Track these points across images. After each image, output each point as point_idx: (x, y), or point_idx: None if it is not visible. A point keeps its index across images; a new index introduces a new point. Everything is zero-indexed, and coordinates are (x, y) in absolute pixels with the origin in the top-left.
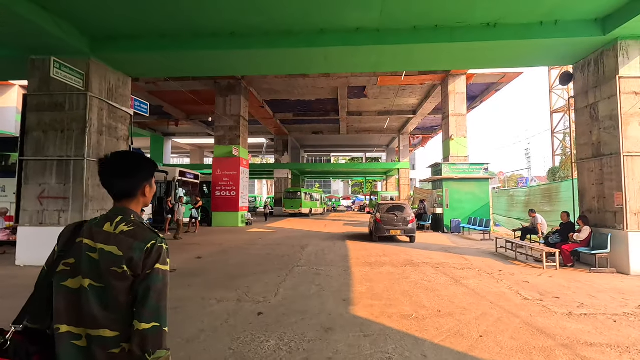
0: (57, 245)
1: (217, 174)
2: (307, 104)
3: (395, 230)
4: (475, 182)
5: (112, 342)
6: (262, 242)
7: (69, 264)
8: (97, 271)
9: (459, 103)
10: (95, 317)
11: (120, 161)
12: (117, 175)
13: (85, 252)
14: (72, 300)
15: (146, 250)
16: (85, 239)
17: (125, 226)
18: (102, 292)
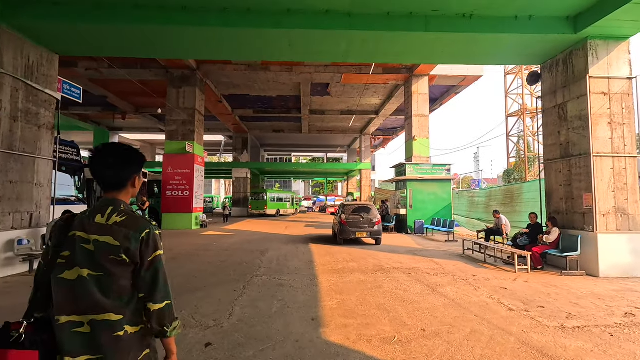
0: (50, 240)
1: (168, 172)
2: (268, 100)
3: (361, 232)
4: (438, 182)
5: (118, 325)
6: (217, 246)
7: (65, 256)
8: (93, 261)
9: (421, 104)
10: (99, 303)
11: (111, 152)
12: (108, 167)
13: (79, 244)
14: (70, 291)
15: (142, 239)
16: (78, 232)
17: (117, 217)
18: (102, 280)
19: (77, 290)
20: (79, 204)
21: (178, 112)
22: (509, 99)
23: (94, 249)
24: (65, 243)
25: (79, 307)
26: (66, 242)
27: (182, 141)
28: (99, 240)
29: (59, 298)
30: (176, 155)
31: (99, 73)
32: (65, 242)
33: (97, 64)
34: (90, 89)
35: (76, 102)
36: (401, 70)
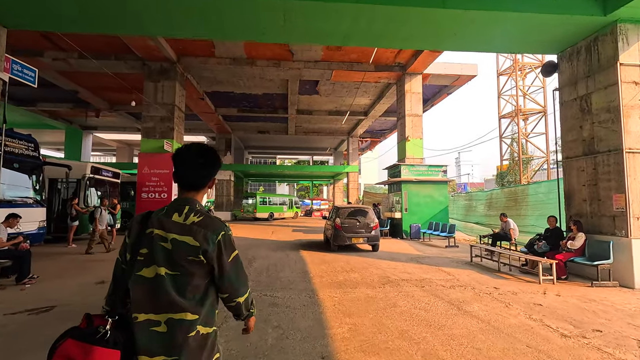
0: (127, 237)
1: (144, 172)
2: (253, 98)
3: (358, 237)
4: (434, 185)
5: (192, 325)
6: None
7: (143, 254)
8: (171, 259)
9: (415, 103)
10: (175, 301)
11: (199, 153)
12: (194, 167)
13: (157, 242)
14: (149, 289)
15: (218, 241)
16: (155, 230)
17: (195, 217)
18: (178, 279)
19: (154, 289)
20: (35, 207)
21: (156, 108)
22: (502, 100)
23: (171, 248)
24: (143, 240)
25: (156, 306)
26: (144, 240)
27: (159, 139)
28: (177, 240)
29: (137, 295)
30: (153, 154)
31: (67, 64)
32: (143, 240)
33: (66, 54)
34: (60, 83)
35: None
36: (394, 68)
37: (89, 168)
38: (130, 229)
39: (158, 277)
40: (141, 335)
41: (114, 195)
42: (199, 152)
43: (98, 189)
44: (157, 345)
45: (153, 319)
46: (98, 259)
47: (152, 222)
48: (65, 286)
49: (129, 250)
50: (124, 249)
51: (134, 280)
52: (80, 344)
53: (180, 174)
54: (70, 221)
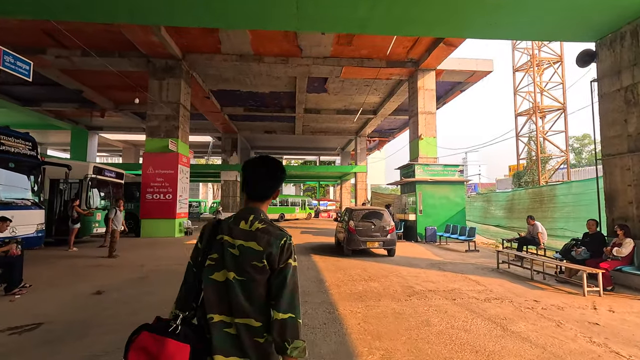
0: (199, 242)
1: (149, 172)
2: (260, 97)
3: (373, 242)
4: (450, 185)
5: (258, 331)
6: None
7: (213, 258)
8: (238, 265)
9: (428, 100)
10: (242, 307)
11: (269, 165)
12: (263, 179)
13: (226, 248)
14: (220, 292)
15: (281, 246)
16: (225, 236)
17: (259, 224)
18: (245, 285)
19: (225, 292)
20: (34, 209)
21: (160, 106)
22: (518, 97)
23: (238, 254)
24: (214, 246)
25: (227, 308)
26: (214, 245)
27: (164, 138)
28: (243, 245)
29: (210, 297)
30: (158, 154)
31: (71, 62)
32: (213, 245)
33: (69, 51)
34: (64, 82)
35: (39, 91)
36: (406, 64)
37: (91, 168)
38: (201, 235)
39: (228, 282)
40: (216, 335)
41: (118, 196)
42: (267, 164)
43: (101, 190)
44: (230, 345)
45: (225, 321)
46: (97, 264)
47: (222, 229)
48: (57, 297)
49: (201, 255)
50: (196, 253)
51: (207, 282)
52: (154, 336)
53: (250, 184)
54: (72, 223)
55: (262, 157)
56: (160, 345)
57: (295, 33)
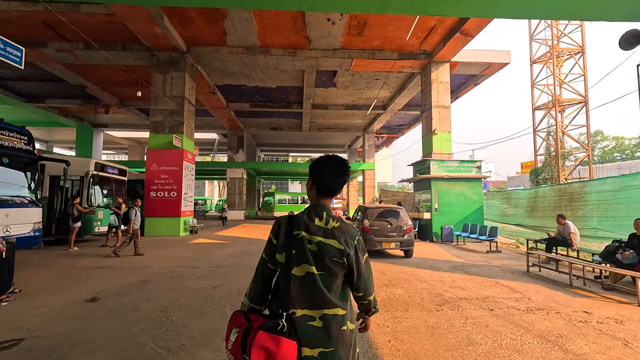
0: (274, 238)
1: (153, 169)
2: (266, 92)
3: (389, 242)
4: (466, 182)
5: (343, 320)
6: (206, 262)
7: (292, 254)
8: (317, 260)
9: (442, 93)
10: (327, 298)
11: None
12: (336, 176)
13: (305, 244)
14: (301, 286)
15: (355, 246)
16: (302, 232)
17: (333, 222)
18: (324, 278)
19: (307, 286)
20: (30, 207)
21: (165, 101)
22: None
23: (316, 250)
24: (290, 241)
25: (311, 302)
26: (292, 241)
27: (169, 134)
28: (322, 242)
29: (293, 293)
30: (162, 150)
31: (73, 56)
32: (290, 241)
33: (70, 44)
34: (67, 77)
35: (42, 87)
36: (419, 56)
37: (92, 164)
38: (277, 231)
39: (308, 275)
40: (300, 329)
41: (121, 194)
42: (339, 162)
43: (103, 187)
44: (315, 338)
45: (308, 314)
46: (98, 265)
47: (297, 225)
48: (47, 305)
49: (279, 250)
50: (272, 249)
51: (287, 278)
52: (270, 335)
53: (323, 182)
54: (72, 222)
55: (331, 156)
56: (276, 343)
57: (304, 22)
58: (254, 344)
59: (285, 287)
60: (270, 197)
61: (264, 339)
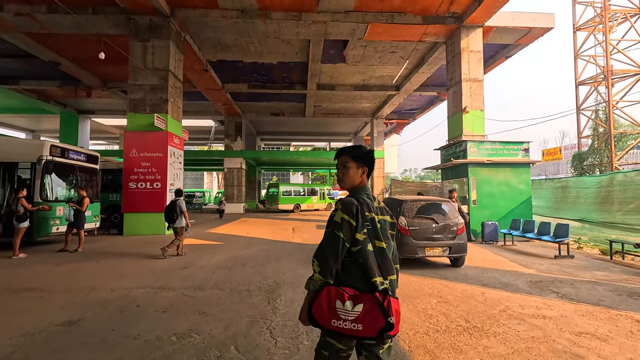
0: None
1: (132, 156)
2: (266, 69)
3: (434, 247)
4: (512, 168)
5: (396, 283)
6: (185, 277)
7: (366, 233)
8: (383, 235)
9: (474, 64)
10: (392, 267)
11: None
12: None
13: (376, 223)
14: (377, 258)
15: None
16: (372, 214)
17: (380, 202)
18: (389, 250)
19: (381, 258)
20: None
21: (145, 74)
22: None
23: (380, 226)
24: (364, 222)
25: (385, 271)
26: (365, 222)
27: (150, 114)
28: (383, 219)
29: (369, 265)
30: (142, 133)
31: (36, 23)
32: (364, 222)
33: (31, 7)
34: (36, 52)
35: (11, 65)
36: (447, 20)
37: (47, 148)
38: (355, 213)
39: (379, 249)
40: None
41: (92, 186)
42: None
43: (64, 177)
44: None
45: (381, 281)
46: (29, 285)
47: (368, 208)
48: None
49: (359, 230)
50: (352, 230)
51: (366, 253)
52: (396, 300)
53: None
54: (17, 222)
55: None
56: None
57: None
58: (393, 307)
59: (365, 261)
60: (274, 188)
61: (395, 304)
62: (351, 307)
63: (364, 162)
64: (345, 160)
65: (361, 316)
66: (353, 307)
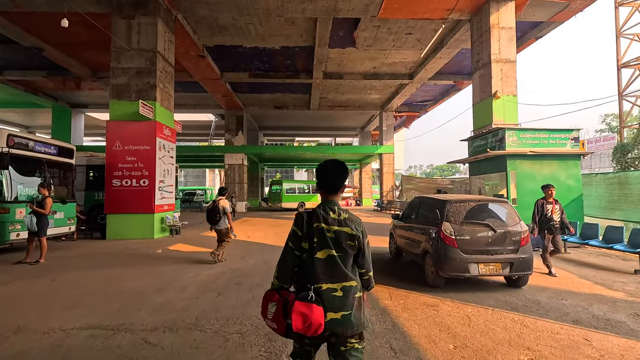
0: (298, 230)
1: (116, 149)
2: (269, 55)
3: (491, 262)
4: (558, 160)
5: (355, 289)
6: (156, 308)
7: (315, 242)
8: (335, 244)
9: (505, 43)
10: (346, 273)
11: (337, 165)
12: (336, 175)
13: (325, 233)
14: (324, 266)
15: (362, 231)
16: (322, 224)
17: (344, 214)
18: (343, 258)
19: (330, 265)
20: None
21: (130, 56)
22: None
23: (334, 237)
24: (312, 232)
25: (333, 277)
26: (313, 232)
27: (135, 101)
28: (339, 230)
29: (318, 271)
30: (127, 123)
31: (8, 0)
32: (311, 231)
33: None
34: (16, 36)
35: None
36: None
37: (3, 137)
38: (301, 224)
39: (330, 257)
40: (326, 298)
41: (65, 183)
42: (335, 164)
43: (27, 173)
44: (338, 304)
45: (332, 287)
46: None
47: (316, 218)
48: None
49: (304, 239)
50: (298, 239)
51: (312, 261)
52: (304, 303)
53: (326, 183)
54: None
55: (328, 161)
56: (309, 309)
57: None
58: (294, 309)
59: (310, 268)
60: (277, 185)
61: (300, 306)
62: (272, 309)
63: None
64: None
65: (273, 317)
66: (274, 308)
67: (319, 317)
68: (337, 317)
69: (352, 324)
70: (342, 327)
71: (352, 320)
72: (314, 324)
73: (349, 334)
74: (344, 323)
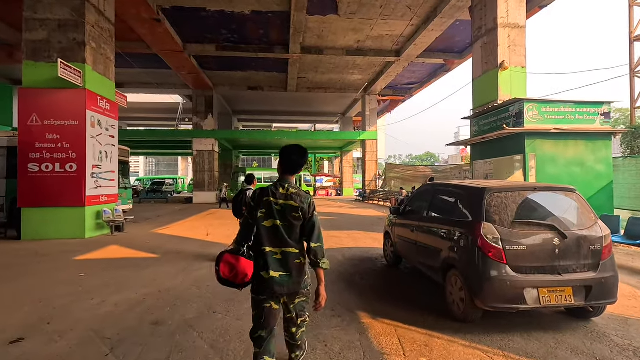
0: (251, 202)
1: (32, 124)
2: (238, 23)
3: (560, 288)
4: (585, 140)
5: (296, 256)
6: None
7: (263, 212)
8: (281, 216)
9: (514, 5)
10: (286, 241)
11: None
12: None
13: (272, 205)
14: (269, 233)
15: (308, 203)
16: (270, 198)
17: (292, 189)
18: (287, 228)
19: (274, 233)
20: None
21: (48, 4)
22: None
23: (280, 209)
24: (261, 204)
25: (275, 243)
26: (262, 204)
27: (55, 63)
28: (285, 204)
29: (264, 236)
30: (47, 91)
31: None
32: (261, 204)
33: None
34: None
35: None
36: None
37: None
38: (254, 198)
39: (275, 226)
40: (268, 259)
41: None
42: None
43: None
44: (277, 265)
45: (273, 250)
46: None
47: (267, 193)
48: None
49: (254, 210)
50: (252, 210)
51: (260, 228)
52: (232, 255)
53: (287, 163)
54: None
55: (294, 145)
56: (236, 260)
57: None
58: (223, 259)
59: (258, 233)
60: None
61: (228, 257)
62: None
63: (280, 157)
64: None
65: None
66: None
67: (244, 268)
68: (275, 275)
69: (289, 283)
70: (279, 285)
71: (290, 281)
72: (239, 273)
73: (285, 292)
74: (281, 282)
